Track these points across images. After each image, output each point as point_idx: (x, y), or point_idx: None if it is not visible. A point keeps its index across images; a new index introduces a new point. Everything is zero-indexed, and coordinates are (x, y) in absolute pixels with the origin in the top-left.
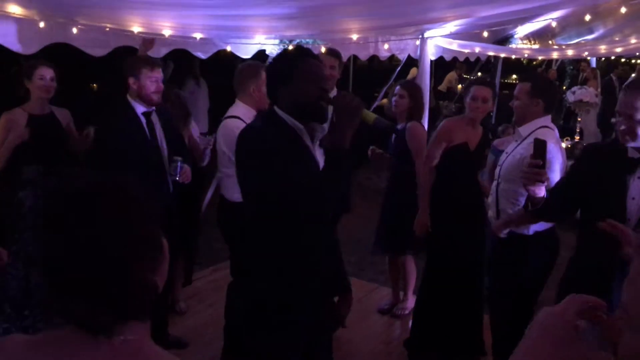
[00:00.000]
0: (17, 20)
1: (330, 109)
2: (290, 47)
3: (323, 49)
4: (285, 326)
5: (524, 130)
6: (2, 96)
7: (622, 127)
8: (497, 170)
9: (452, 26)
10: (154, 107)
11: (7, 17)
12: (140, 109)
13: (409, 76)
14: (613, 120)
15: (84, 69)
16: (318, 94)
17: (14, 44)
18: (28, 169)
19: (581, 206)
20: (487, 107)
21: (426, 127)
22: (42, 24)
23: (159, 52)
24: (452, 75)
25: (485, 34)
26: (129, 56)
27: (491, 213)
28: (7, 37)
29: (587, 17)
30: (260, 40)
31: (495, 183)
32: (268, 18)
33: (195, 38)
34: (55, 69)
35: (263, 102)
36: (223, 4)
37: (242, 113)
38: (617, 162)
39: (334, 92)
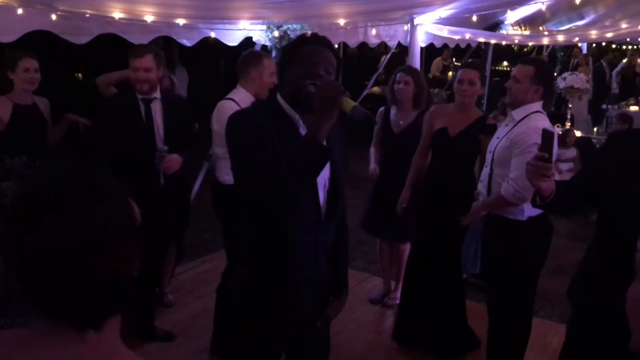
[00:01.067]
0: None
1: None
2: (276, 33)
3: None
4: (277, 319)
5: (517, 114)
6: None
7: None
8: (488, 156)
9: (442, 11)
10: (154, 95)
11: None
12: (139, 94)
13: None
14: (604, 106)
15: (68, 58)
16: (306, 79)
17: None
18: (11, 160)
19: (600, 200)
20: (474, 90)
21: None
22: (20, 11)
23: (141, 39)
24: (438, 62)
25: (475, 18)
26: (113, 44)
27: (482, 199)
28: None
29: (577, 1)
30: (246, 26)
31: (487, 170)
32: (252, 2)
33: (179, 24)
34: (39, 59)
35: (263, 89)
36: None
37: (239, 97)
38: None
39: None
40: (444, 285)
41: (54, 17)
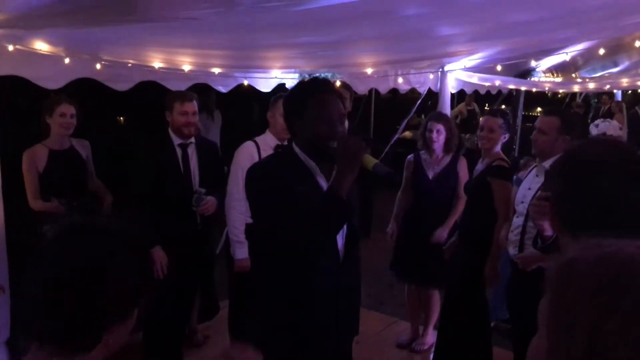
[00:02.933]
0: (44, 57)
1: None
2: (338, 83)
3: (338, 83)
4: None
5: (548, 165)
6: (29, 130)
7: None
8: (521, 206)
9: (466, 61)
10: (191, 140)
11: (34, 53)
12: (176, 140)
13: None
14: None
15: (111, 102)
16: (327, 134)
17: (40, 80)
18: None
19: None
20: (493, 136)
21: None
22: (67, 60)
23: (179, 86)
24: (462, 107)
25: (499, 68)
26: (154, 91)
27: (512, 250)
28: (34, 72)
29: (601, 52)
30: (277, 75)
31: (520, 219)
32: (284, 52)
33: (214, 72)
34: (77, 105)
35: (279, 130)
36: (237, 36)
37: (261, 139)
38: None
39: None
40: (469, 330)
41: (98, 66)
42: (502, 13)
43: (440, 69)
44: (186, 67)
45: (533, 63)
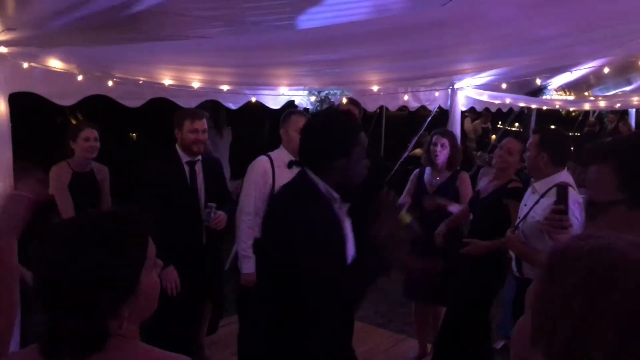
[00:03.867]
0: (57, 74)
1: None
2: (313, 98)
3: (344, 100)
4: None
5: (540, 186)
6: (46, 145)
7: None
8: (517, 222)
9: (481, 77)
10: (198, 157)
11: (48, 70)
12: (184, 157)
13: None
14: None
15: (124, 119)
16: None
17: (54, 96)
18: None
19: None
20: (511, 159)
21: None
22: (80, 77)
23: (190, 102)
24: (477, 124)
25: (504, 86)
26: (164, 107)
27: (514, 267)
28: (48, 89)
29: (609, 70)
30: (285, 92)
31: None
32: (292, 70)
33: (223, 90)
34: (98, 128)
35: (295, 147)
36: (246, 53)
37: (275, 154)
38: None
39: None
40: (468, 348)
41: (110, 83)
42: (517, 29)
43: (451, 87)
44: (195, 84)
45: (538, 81)
